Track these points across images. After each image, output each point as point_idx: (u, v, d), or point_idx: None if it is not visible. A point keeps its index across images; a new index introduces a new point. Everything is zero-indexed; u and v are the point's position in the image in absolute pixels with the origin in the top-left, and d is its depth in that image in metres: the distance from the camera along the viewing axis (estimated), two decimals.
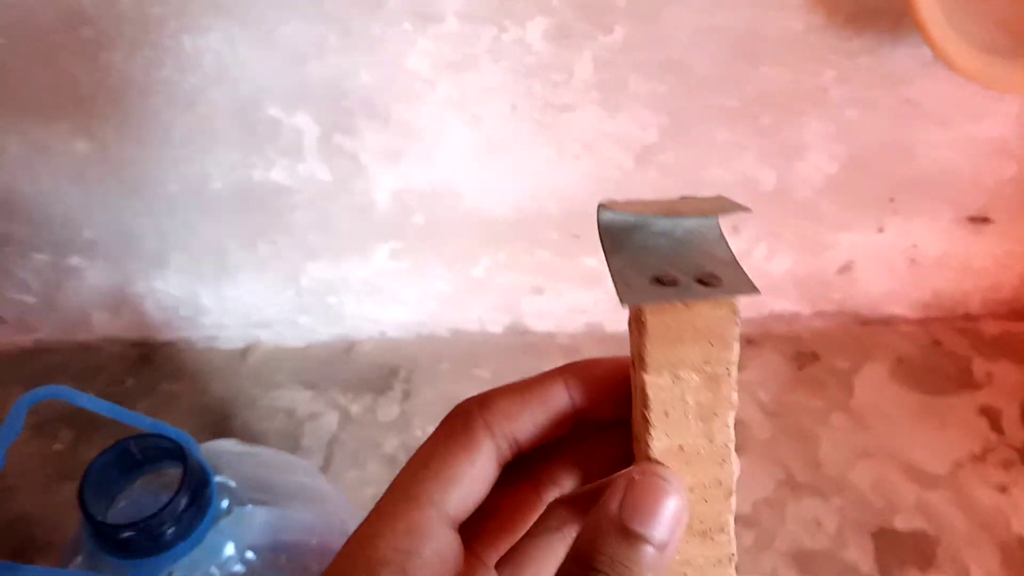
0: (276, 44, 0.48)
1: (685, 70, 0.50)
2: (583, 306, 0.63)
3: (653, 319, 0.21)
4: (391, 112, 0.51)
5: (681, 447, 0.22)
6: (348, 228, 0.57)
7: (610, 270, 0.22)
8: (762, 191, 0.56)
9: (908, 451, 0.58)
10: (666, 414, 0.22)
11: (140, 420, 0.32)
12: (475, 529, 0.24)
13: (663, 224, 0.23)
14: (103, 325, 0.64)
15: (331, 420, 0.61)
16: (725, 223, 0.24)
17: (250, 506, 0.33)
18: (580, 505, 0.25)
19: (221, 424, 0.61)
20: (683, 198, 0.25)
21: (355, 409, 0.61)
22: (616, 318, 0.64)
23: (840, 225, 0.58)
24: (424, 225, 0.57)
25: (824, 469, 0.58)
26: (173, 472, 0.32)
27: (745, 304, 0.22)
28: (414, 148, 0.53)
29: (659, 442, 0.22)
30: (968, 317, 0.65)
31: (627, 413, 0.24)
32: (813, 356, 0.64)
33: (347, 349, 0.65)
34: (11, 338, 0.64)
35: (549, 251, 0.59)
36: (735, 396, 0.22)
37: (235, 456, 0.37)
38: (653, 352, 0.21)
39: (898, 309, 0.64)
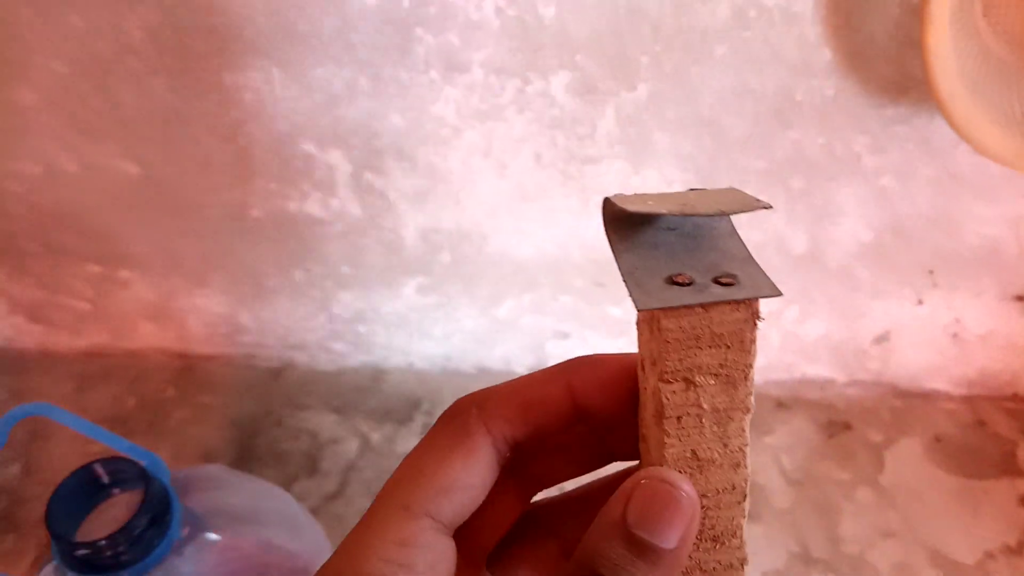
0: (311, 85, 0.50)
1: (712, 129, 0.49)
2: None
3: (669, 323, 0.20)
4: (418, 155, 0.52)
5: (695, 453, 0.21)
6: (377, 261, 0.59)
7: (620, 270, 0.21)
8: (793, 253, 0.55)
9: (936, 535, 0.55)
10: (679, 420, 0.21)
11: (116, 442, 0.33)
12: (468, 529, 0.23)
13: (673, 219, 0.22)
14: (149, 335, 0.67)
15: (351, 447, 0.62)
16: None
17: (213, 534, 0.34)
18: (576, 506, 0.24)
19: (248, 440, 0.63)
20: (692, 190, 0.23)
21: (375, 437, 0.63)
22: None
23: (876, 294, 0.56)
24: (451, 263, 0.58)
25: (843, 546, 0.55)
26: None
27: (777, 366, 0.22)
28: (440, 190, 0.54)
29: (672, 448, 0.21)
30: (1018, 398, 0.62)
31: (630, 412, 0.23)
32: (845, 426, 0.62)
33: (375, 377, 0.66)
34: (67, 341, 0.68)
35: (573, 297, 0.59)
36: (752, 399, 0.21)
37: (214, 482, 0.38)
38: (669, 356, 0.20)
39: (939, 384, 0.61)
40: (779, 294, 0.20)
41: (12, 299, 0.65)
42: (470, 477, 0.21)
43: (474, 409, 0.22)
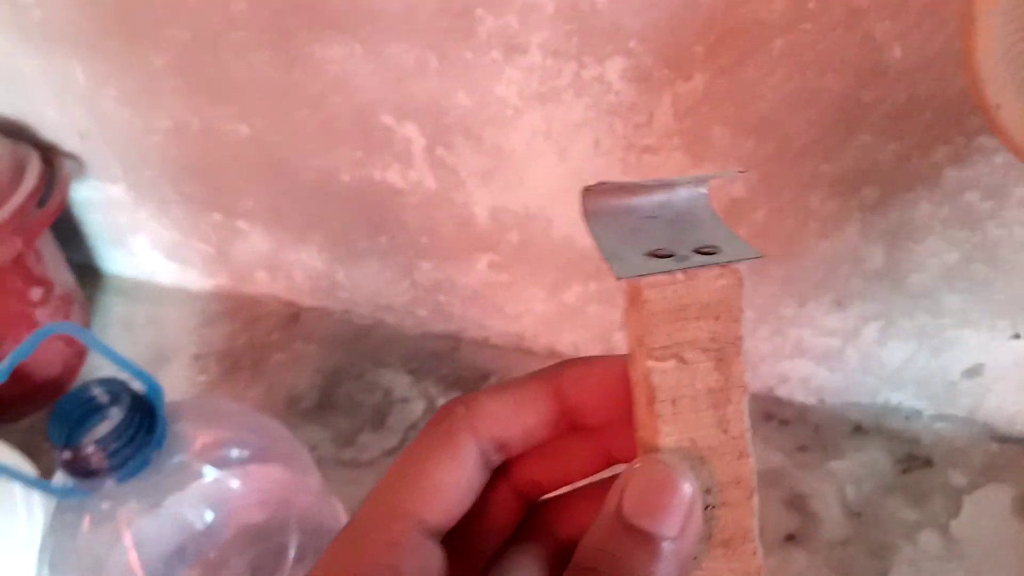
0: (387, 61, 0.52)
1: (774, 128, 0.47)
2: None
3: (652, 293, 0.19)
4: (484, 134, 0.54)
5: (693, 441, 0.20)
6: (452, 234, 0.61)
7: (601, 250, 0.20)
8: (869, 268, 0.51)
9: None
10: (673, 403, 0.20)
11: (126, 365, 0.38)
12: (467, 537, 0.23)
13: (652, 205, 0.22)
14: (264, 282, 0.74)
15: (418, 407, 0.66)
16: (823, 300, 0.22)
17: (210, 468, 0.38)
18: (569, 507, 0.24)
19: (330, 388, 0.68)
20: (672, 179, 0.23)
21: (441, 402, 0.65)
22: None
23: (964, 321, 0.51)
24: (519, 244, 0.59)
25: None
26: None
27: (857, 388, 0.22)
28: (506, 170, 0.55)
29: (668, 437, 0.20)
30: None
31: (625, 415, 0.22)
32: (926, 462, 0.57)
33: (454, 347, 0.69)
34: (197, 280, 0.76)
35: None
36: (746, 377, 0.20)
37: (223, 415, 0.42)
38: (656, 332, 0.19)
39: None
40: (761, 255, 0.20)
41: (154, 237, 0.74)
42: (456, 479, 0.21)
43: (460, 409, 0.22)
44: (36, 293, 0.64)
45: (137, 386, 0.37)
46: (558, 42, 0.48)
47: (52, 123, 0.67)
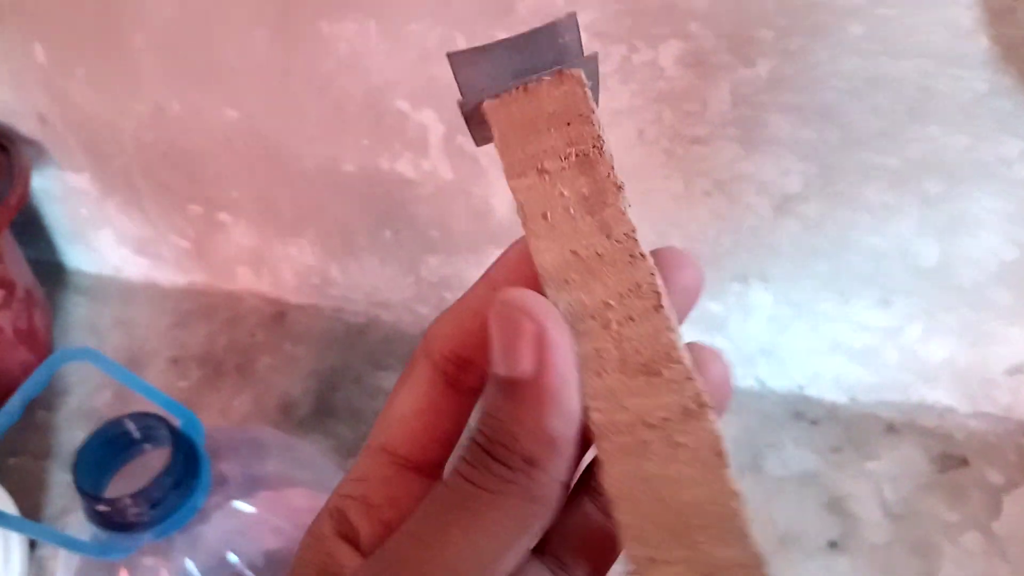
0: (406, 40, 0.47)
1: (838, 119, 0.44)
2: None
3: (497, 114, 0.20)
4: None
5: (575, 253, 0.18)
6: (465, 228, 0.56)
7: (457, 83, 0.20)
8: (921, 265, 0.49)
9: None
10: (545, 217, 0.19)
11: (156, 395, 0.33)
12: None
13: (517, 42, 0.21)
14: (246, 279, 0.68)
15: None
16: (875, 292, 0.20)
17: (244, 504, 0.33)
18: None
19: (327, 393, 0.63)
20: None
21: None
22: (739, 372, 0.59)
23: (1014, 319, 0.49)
24: None
25: None
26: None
27: (891, 386, 0.18)
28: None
29: (546, 254, 0.18)
30: None
31: None
32: (962, 461, 0.55)
33: None
34: (169, 276, 0.70)
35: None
36: (619, 177, 0.19)
37: (255, 446, 0.38)
38: (510, 150, 0.19)
39: None
40: (595, 59, 0.20)
41: (121, 231, 0.67)
42: (416, 405, 0.21)
43: (420, 343, 0.21)
44: None
45: (174, 421, 0.32)
46: (607, 23, 0.43)
47: (7, 107, 0.59)
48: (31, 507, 0.56)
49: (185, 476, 0.31)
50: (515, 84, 0.20)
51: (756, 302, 0.54)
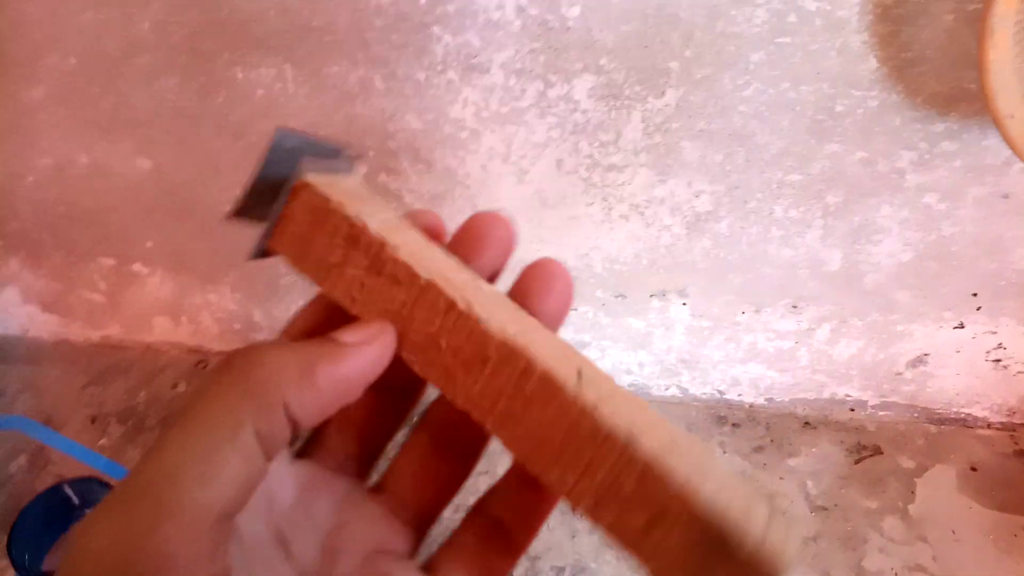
0: (324, 83, 0.48)
1: (744, 141, 0.46)
2: (628, 366, 0.60)
3: (279, 248, 0.22)
4: (435, 157, 0.50)
5: (387, 310, 0.21)
6: None
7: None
8: (827, 271, 0.52)
9: (968, 573, 0.52)
10: (354, 299, 0.21)
11: (94, 459, 0.32)
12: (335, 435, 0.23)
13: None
14: (164, 330, 0.66)
15: None
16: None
17: None
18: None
19: None
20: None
21: None
22: (663, 383, 0.61)
23: (913, 316, 0.53)
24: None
25: None
26: None
27: (805, 386, 0.19)
28: (458, 193, 0.52)
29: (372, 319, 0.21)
30: None
31: None
32: (875, 449, 0.59)
33: None
34: (82, 332, 0.67)
35: (593, 307, 0.57)
36: (376, 221, 0.21)
37: None
38: (303, 267, 0.22)
39: (978, 411, 0.58)
40: (326, 147, 0.22)
41: (27, 289, 0.64)
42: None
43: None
44: None
45: (111, 481, 0.31)
46: (523, 60, 0.45)
47: None
48: None
49: None
50: (272, 220, 0.22)
51: (676, 316, 0.56)
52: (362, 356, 0.20)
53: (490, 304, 0.20)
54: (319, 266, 0.22)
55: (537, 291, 0.21)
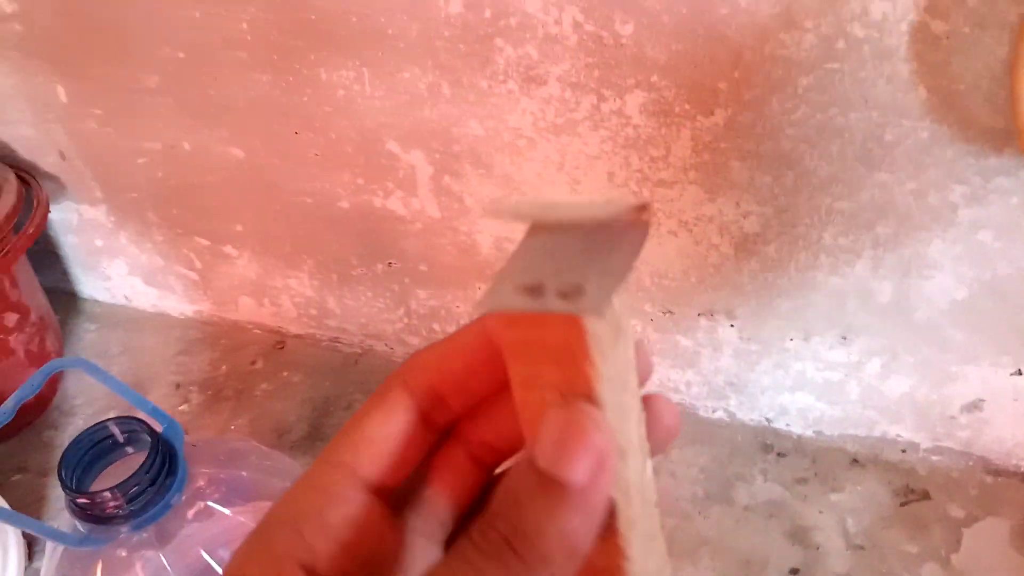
0: (396, 87, 0.51)
1: (793, 164, 0.47)
2: (676, 384, 0.61)
3: (506, 332, 0.19)
4: (495, 162, 0.53)
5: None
6: (452, 263, 0.60)
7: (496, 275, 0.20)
8: (877, 303, 0.51)
9: None
10: (530, 421, 0.19)
11: (143, 403, 0.36)
12: (417, 502, 0.22)
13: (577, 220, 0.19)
14: (248, 309, 0.71)
15: None
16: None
17: (220, 506, 0.36)
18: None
19: (319, 419, 0.66)
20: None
21: None
22: (710, 405, 0.61)
23: (968, 357, 0.52)
24: None
25: None
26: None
27: (856, 421, 0.20)
28: (513, 199, 0.54)
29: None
30: None
31: None
32: (923, 494, 0.57)
33: None
34: (177, 306, 0.73)
35: (642, 322, 0.58)
36: (606, 384, 0.19)
37: (235, 455, 0.40)
38: (513, 363, 0.19)
39: None
40: (600, 315, 0.17)
41: (132, 263, 0.71)
42: (388, 430, 0.21)
43: (399, 369, 0.22)
44: (11, 319, 0.60)
45: (155, 425, 0.35)
46: (578, 74, 0.47)
47: (30, 143, 0.64)
48: None
49: (162, 475, 0.34)
50: (527, 306, 0.18)
51: (724, 337, 0.57)
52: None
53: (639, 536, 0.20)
54: (531, 380, 0.19)
55: (655, 443, 0.21)
